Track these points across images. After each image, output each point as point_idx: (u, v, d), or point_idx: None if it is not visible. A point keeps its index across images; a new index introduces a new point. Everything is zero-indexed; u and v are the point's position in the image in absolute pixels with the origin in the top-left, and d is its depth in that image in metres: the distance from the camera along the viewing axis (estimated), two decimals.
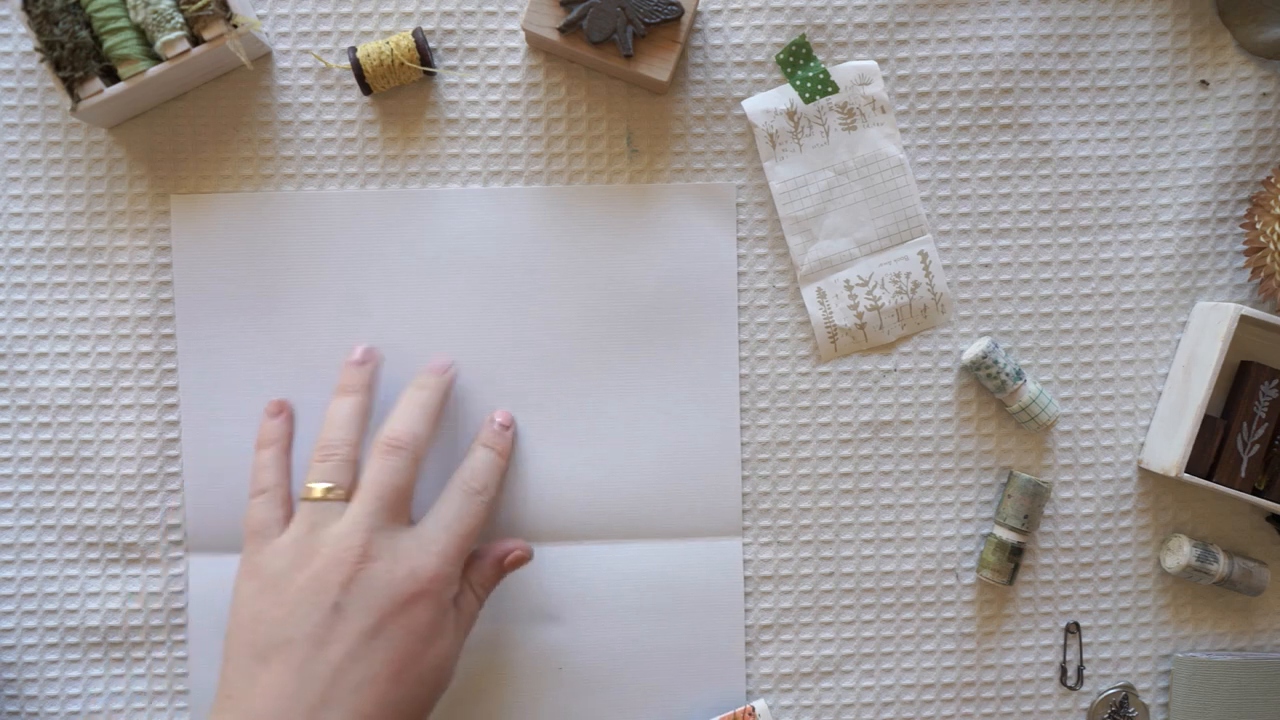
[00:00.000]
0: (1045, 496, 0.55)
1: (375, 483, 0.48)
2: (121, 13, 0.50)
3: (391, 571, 0.46)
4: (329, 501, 0.48)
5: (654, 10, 0.51)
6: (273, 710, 0.44)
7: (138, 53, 0.50)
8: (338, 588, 0.45)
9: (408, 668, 0.46)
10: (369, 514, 0.47)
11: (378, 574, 0.46)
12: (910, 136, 0.56)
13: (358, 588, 0.46)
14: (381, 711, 0.45)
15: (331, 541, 0.46)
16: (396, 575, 0.46)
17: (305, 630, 0.45)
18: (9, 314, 0.54)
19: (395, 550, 0.47)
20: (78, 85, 0.50)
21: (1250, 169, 0.56)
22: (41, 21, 0.49)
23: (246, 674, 0.45)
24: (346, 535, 0.46)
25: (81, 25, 0.50)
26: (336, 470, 0.49)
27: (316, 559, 0.46)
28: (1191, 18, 0.56)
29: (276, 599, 0.46)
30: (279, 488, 0.50)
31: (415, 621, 0.46)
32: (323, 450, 0.49)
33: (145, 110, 0.54)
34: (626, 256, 0.55)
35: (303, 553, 0.47)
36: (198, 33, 0.50)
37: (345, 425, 0.50)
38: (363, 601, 0.45)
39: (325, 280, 0.55)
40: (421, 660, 0.46)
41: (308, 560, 0.46)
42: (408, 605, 0.46)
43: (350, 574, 0.46)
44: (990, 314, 0.56)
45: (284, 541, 0.47)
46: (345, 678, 0.44)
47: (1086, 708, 0.56)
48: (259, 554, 0.48)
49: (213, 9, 0.50)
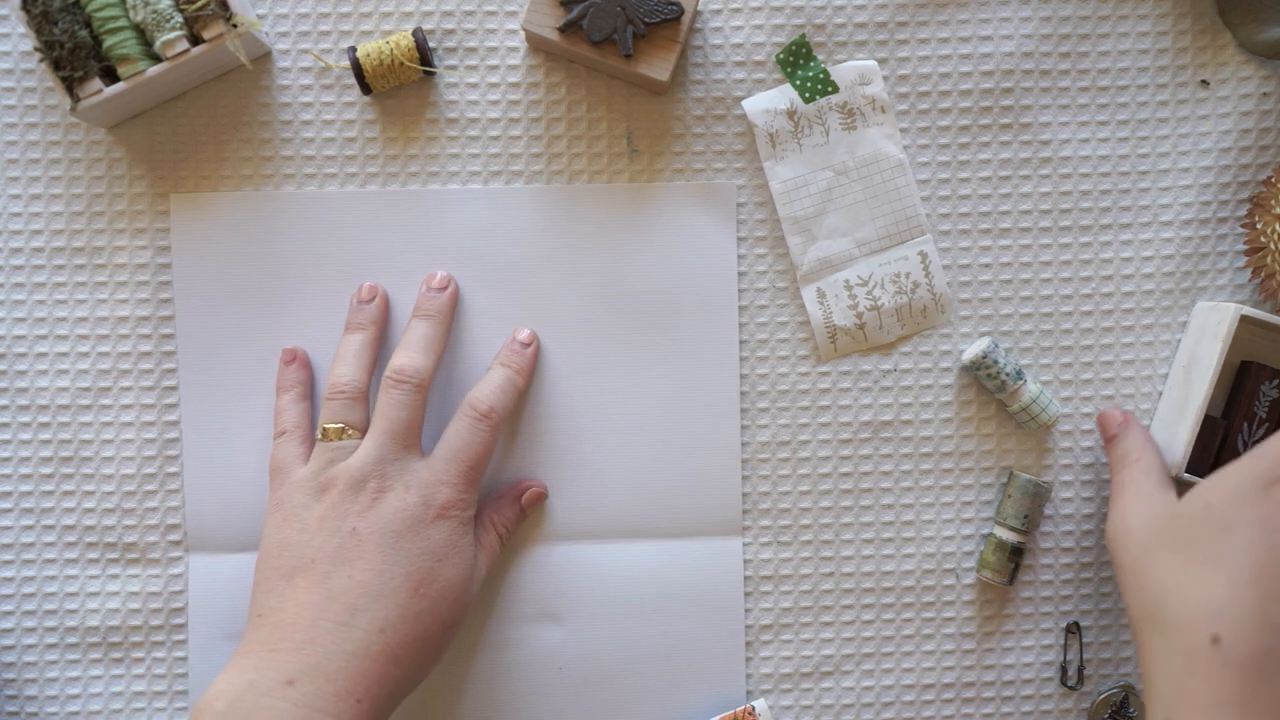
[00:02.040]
0: (1045, 496, 0.55)
1: (384, 417, 0.50)
2: (121, 12, 0.50)
3: (404, 499, 0.49)
4: (342, 440, 0.50)
5: (654, 10, 0.51)
6: (303, 619, 0.46)
7: (137, 52, 0.50)
8: (355, 515, 0.48)
9: (425, 582, 0.48)
10: (379, 446, 0.49)
11: (391, 501, 0.49)
12: (910, 136, 0.56)
13: (374, 513, 0.48)
14: (404, 619, 0.47)
15: (346, 474, 0.49)
16: (409, 501, 0.49)
17: (327, 551, 0.48)
18: (9, 314, 0.54)
19: (407, 479, 0.49)
20: (77, 85, 0.50)
21: (1250, 169, 0.56)
22: (41, 21, 0.49)
23: (276, 592, 0.48)
24: (360, 467, 0.49)
25: (81, 25, 0.49)
26: (346, 409, 0.51)
27: (333, 490, 0.49)
28: (1191, 18, 0.56)
29: (300, 527, 0.49)
30: (299, 428, 0.53)
31: (430, 542, 0.49)
32: (332, 389, 0.51)
33: (145, 110, 0.54)
34: (627, 256, 0.55)
35: (321, 485, 0.49)
36: (197, 32, 0.50)
37: (353, 363, 0.52)
38: (379, 524, 0.48)
39: (325, 280, 0.54)
40: (438, 576, 0.48)
41: (326, 492, 0.49)
42: (422, 528, 0.49)
43: (366, 502, 0.49)
44: (990, 314, 0.56)
45: (303, 476, 0.50)
46: (367, 589, 0.47)
47: (1087, 708, 0.56)
48: (281, 489, 0.50)
49: (212, 9, 0.50)
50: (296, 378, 0.54)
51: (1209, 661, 0.42)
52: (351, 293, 0.54)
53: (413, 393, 0.50)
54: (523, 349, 0.54)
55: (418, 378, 0.51)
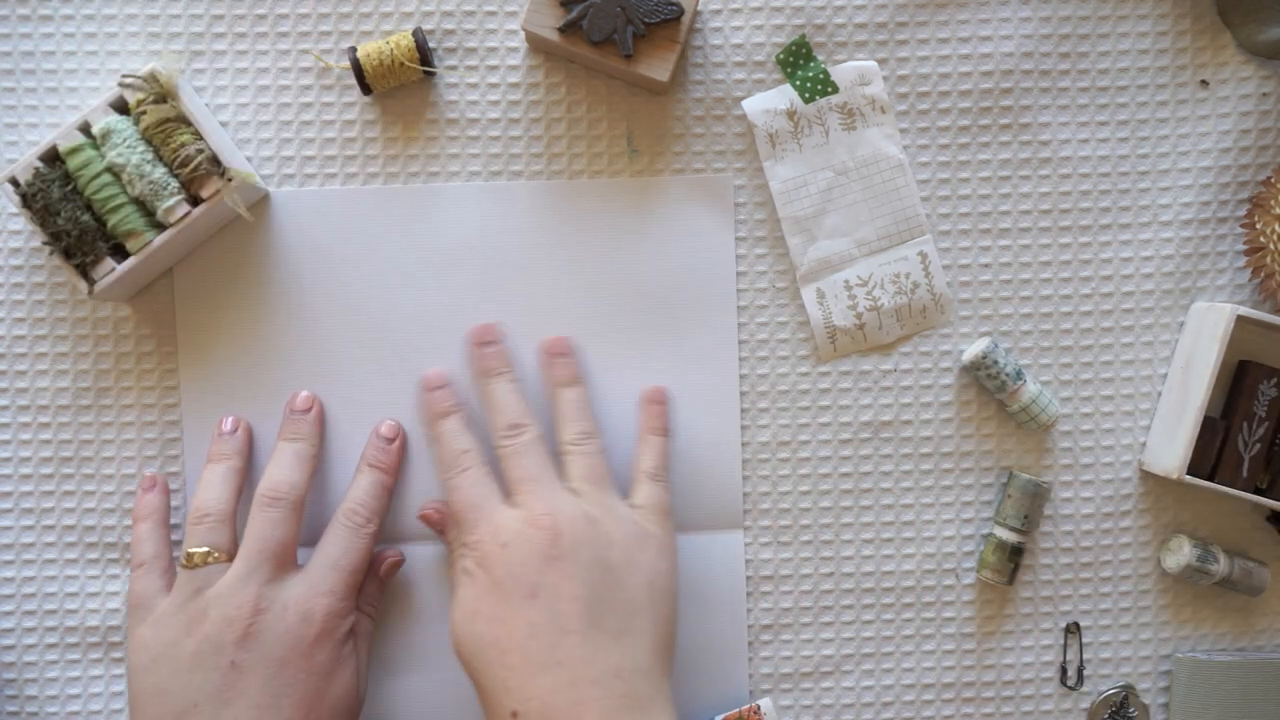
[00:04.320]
0: (1045, 497, 0.55)
1: (257, 536, 0.48)
2: (119, 189, 0.50)
3: (283, 620, 0.47)
4: (209, 565, 0.48)
5: (654, 10, 0.51)
6: None
7: (142, 225, 0.50)
8: (233, 646, 0.46)
9: (316, 703, 0.46)
10: (252, 568, 0.48)
11: (270, 625, 0.46)
12: (910, 136, 0.56)
13: (253, 642, 0.46)
14: None
15: (219, 602, 0.47)
16: (289, 622, 0.47)
17: (207, 691, 0.45)
18: (9, 314, 0.54)
19: (284, 598, 0.47)
20: (90, 268, 0.50)
21: (1250, 169, 0.56)
22: (44, 215, 0.50)
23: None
24: (233, 593, 0.47)
25: (82, 210, 0.50)
26: (211, 532, 0.49)
27: (206, 621, 0.47)
28: (1191, 18, 0.56)
29: (174, 668, 0.46)
30: (159, 559, 0.50)
31: (315, 661, 0.47)
32: (196, 514, 0.50)
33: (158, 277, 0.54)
34: (625, 251, 0.55)
35: (191, 618, 0.47)
36: (195, 193, 0.50)
37: (219, 487, 0.50)
38: (260, 654, 0.46)
39: (325, 280, 0.54)
40: (329, 692, 0.47)
41: (197, 624, 0.47)
42: (306, 647, 0.47)
43: (243, 630, 0.46)
44: (990, 314, 0.56)
45: (168, 610, 0.48)
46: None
47: (1086, 708, 0.56)
48: (143, 625, 0.48)
49: (205, 168, 0.50)
50: (154, 504, 0.52)
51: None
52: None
53: (288, 510, 0.49)
54: (388, 445, 0.53)
55: (292, 494, 0.50)
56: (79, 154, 0.50)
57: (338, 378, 0.54)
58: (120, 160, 0.50)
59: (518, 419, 0.50)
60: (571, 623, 0.45)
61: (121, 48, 0.54)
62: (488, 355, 0.52)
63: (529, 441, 0.50)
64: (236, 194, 0.51)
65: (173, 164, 0.50)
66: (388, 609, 0.54)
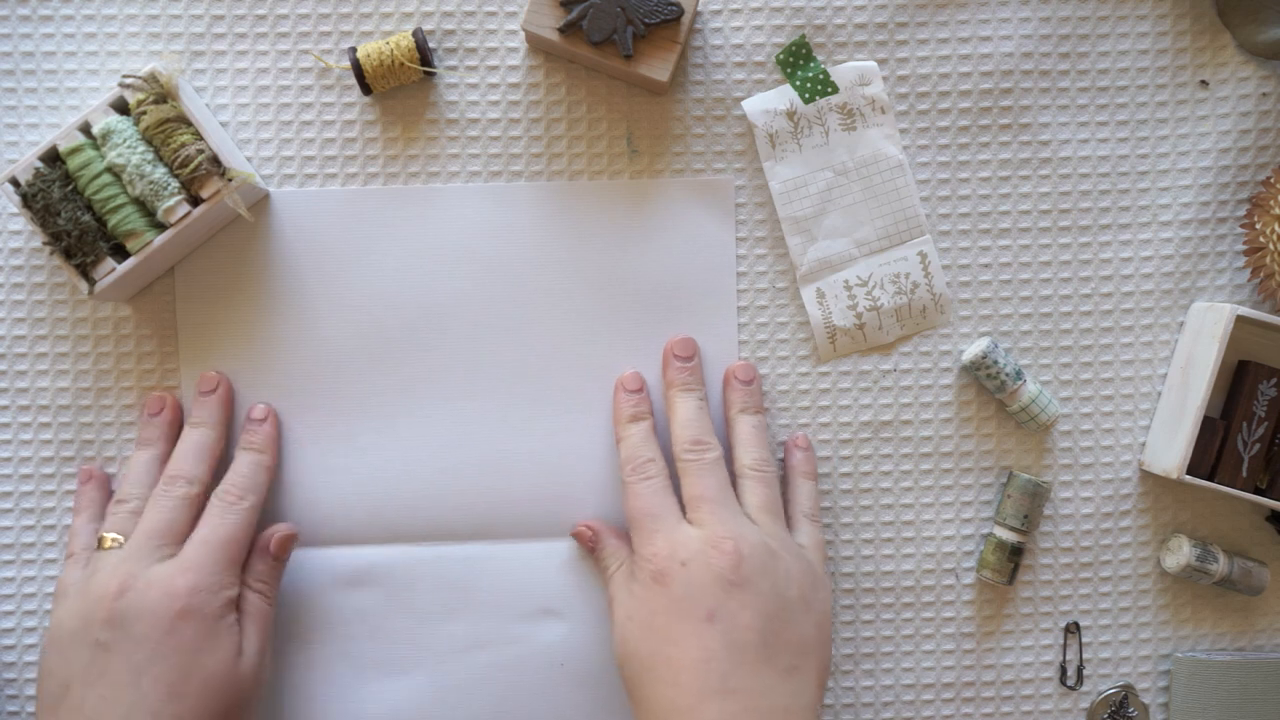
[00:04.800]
0: (1045, 496, 0.55)
1: (146, 519, 0.49)
2: (119, 190, 0.50)
3: (145, 597, 0.47)
4: (109, 550, 0.49)
5: (654, 10, 0.51)
6: None
7: (142, 225, 0.50)
8: (100, 625, 0.46)
9: (180, 680, 0.46)
10: (131, 551, 0.48)
11: (132, 603, 0.47)
12: (910, 136, 0.56)
13: (119, 620, 0.46)
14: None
15: (94, 582, 0.48)
16: (150, 599, 0.47)
17: (76, 672, 0.46)
18: (9, 314, 0.54)
19: (150, 578, 0.47)
20: (90, 268, 0.50)
21: (1250, 169, 0.56)
22: (44, 215, 0.50)
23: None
24: (107, 575, 0.48)
25: (83, 210, 0.50)
26: (125, 520, 0.50)
27: (82, 602, 0.48)
28: (1191, 18, 0.56)
29: (57, 649, 0.47)
30: (85, 550, 0.51)
31: (181, 639, 0.47)
32: (116, 501, 0.51)
33: (157, 278, 0.54)
34: (626, 252, 0.55)
35: (77, 600, 0.48)
36: (195, 193, 0.51)
37: (137, 480, 0.52)
38: (123, 632, 0.46)
39: (325, 280, 0.55)
40: (196, 673, 0.47)
41: (77, 606, 0.48)
42: (171, 625, 0.47)
43: (108, 610, 0.46)
44: (990, 314, 0.56)
45: (69, 593, 0.49)
46: (117, 706, 0.45)
47: (1086, 708, 0.56)
48: (56, 611, 0.49)
49: (205, 168, 0.50)
50: (90, 498, 0.53)
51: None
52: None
53: (181, 496, 0.50)
54: (258, 425, 0.53)
55: (189, 481, 0.50)
56: (79, 154, 0.50)
57: (337, 378, 0.54)
58: (120, 160, 0.50)
59: (704, 436, 0.51)
60: (746, 653, 0.46)
61: (121, 48, 0.54)
62: (683, 370, 0.53)
63: (713, 461, 0.50)
64: (236, 194, 0.51)
65: (173, 164, 0.50)
66: (388, 609, 0.54)
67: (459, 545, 0.55)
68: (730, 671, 0.45)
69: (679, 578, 0.47)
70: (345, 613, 0.54)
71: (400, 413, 0.54)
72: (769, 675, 0.46)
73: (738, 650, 0.46)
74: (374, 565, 0.54)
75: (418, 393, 0.54)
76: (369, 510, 0.54)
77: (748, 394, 0.54)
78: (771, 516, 0.50)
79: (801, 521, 0.52)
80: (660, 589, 0.47)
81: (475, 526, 0.55)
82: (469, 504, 0.55)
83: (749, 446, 0.52)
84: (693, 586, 0.47)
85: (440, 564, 0.54)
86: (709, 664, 0.45)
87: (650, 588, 0.47)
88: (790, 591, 0.48)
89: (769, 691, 0.45)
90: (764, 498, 0.51)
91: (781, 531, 0.50)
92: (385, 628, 0.54)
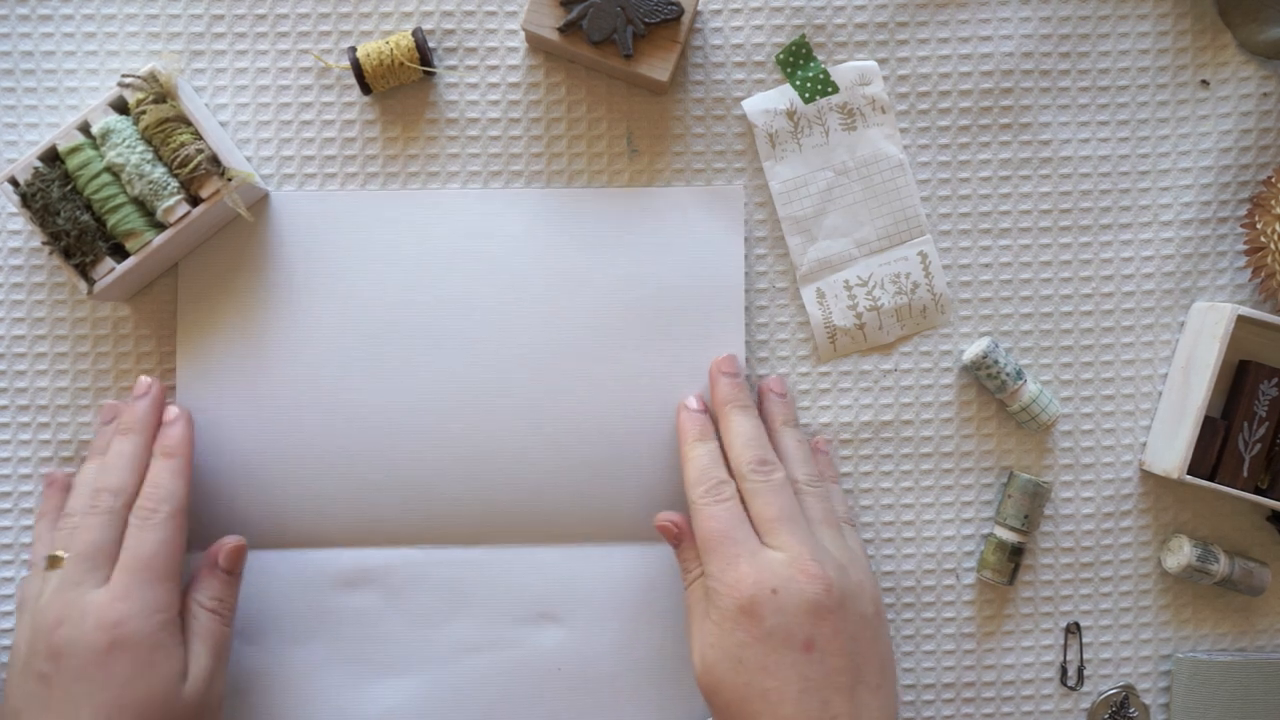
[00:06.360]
0: (1045, 496, 0.55)
1: (80, 542, 0.48)
2: (118, 189, 0.50)
3: (79, 629, 0.46)
4: (54, 570, 0.48)
5: (654, 10, 0.51)
6: None
7: (141, 225, 0.50)
8: (42, 657, 0.46)
9: (118, 715, 0.45)
10: (66, 578, 0.47)
11: (68, 637, 0.46)
12: (910, 136, 0.56)
13: (56, 654, 0.46)
14: None
15: (37, 612, 0.47)
16: (84, 632, 0.46)
17: (23, 703, 0.46)
18: (9, 314, 0.54)
19: (84, 608, 0.46)
20: (89, 268, 0.50)
21: (1250, 169, 0.56)
22: (43, 214, 0.50)
23: None
24: (48, 602, 0.47)
25: (82, 209, 0.50)
26: (67, 537, 0.48)
27: (31, 630, 0.47)
28: (1191, 18, 0.56)
29: (13, 673, 0.47)
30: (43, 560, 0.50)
31: (115, 670, 0.46)
32: (64, 517, 0.50)
33: (157, 277, 0.54)
34: (634, 261, 0.55)
35: (28, 625, 0.48)
36: (194, 193, 0.51)
37: (81, 495, 0.50)
38: (63, 665, 0.46)
39: (325, 280, 0.54)
40: (131, 704, 0.46)
41: (27, 632, 0.47)
42: (103, 659, 0.46)
43: (47, 644, 0.46)
44: (990, 314, 0.56)
45: (25, 608, 0.48)
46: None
47: (1087, 708, 0.56)
48: (16, 625, 0.49)
49: (205, 167, 0.50)
50: (54, 504, 0.52)
51: None
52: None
53: (107, 512, 0.48)
54: (170, 428, 0.51)
55: (118, 497, 0.48)
56: (79, 154, 0.50)
57: (337, 378, 0.54)
58: (120, 160, 0.50)
59: (768, 455, 0.50)
60: (842, 678, 0.46)
61: (121, 48, 0.54)
62: (735, 385, 0.53)
63: (781, 481, 0.50)
64: (236, 194, 0.51)
65: (172, 164, 0.50)
66: (385, 612, 0.54)
67: (457, 549, 0.55)
68: (829, 699, 0.45)
69: (770, 605, 0.46)
70: (342, 614, 0.54)
71: (399, 414, 0.54)
72: (862, 695, 0.46)
73: (835, 675, 0.46)
74: (372, 567, 0.54)
75: (417, 394, 0.54)
76: (368, 512, 0.54)
77: (785, 406, 0.54)
78: (834, 531, 0.50)
79: (840, 527, 0.52)
80: (750, 621, 0.46)
81: (474, 530, 0.55)
82: (468, 507, 0.55)
83: (799, 461, 0.52)
84: (785, 615, 0.46)
85: (438, 567, 0.54)
86: (808, 695, 0.45)
87: (738, 619, 0.46)
88: (867, 608, 0.48)
89: (863, 712, 0.45)
90: (823, 512, 0.50)
91: (843, 544, 0.50)
92: (382, 630, 0.54)
